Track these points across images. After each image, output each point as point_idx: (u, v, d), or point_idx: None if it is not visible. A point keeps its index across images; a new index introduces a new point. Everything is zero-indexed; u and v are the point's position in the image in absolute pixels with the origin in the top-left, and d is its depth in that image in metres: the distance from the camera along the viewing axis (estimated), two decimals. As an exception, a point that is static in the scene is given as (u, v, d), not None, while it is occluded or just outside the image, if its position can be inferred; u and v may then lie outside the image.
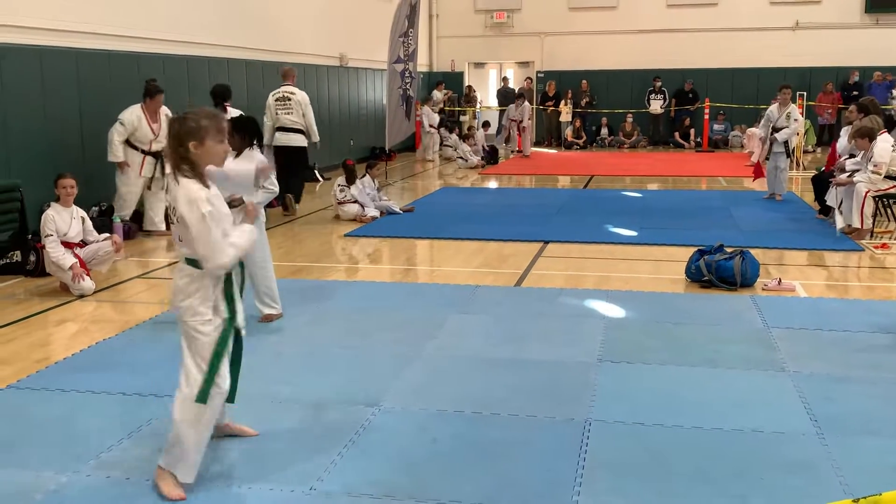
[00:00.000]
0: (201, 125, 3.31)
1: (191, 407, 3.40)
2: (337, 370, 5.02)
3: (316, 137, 11.27)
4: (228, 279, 3.47)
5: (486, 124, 18.74)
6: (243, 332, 3.62)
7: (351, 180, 10.60)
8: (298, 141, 11.07)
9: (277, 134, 11.04)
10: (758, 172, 12.61)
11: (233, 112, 10.57)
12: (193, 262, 3.40)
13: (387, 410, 4.39)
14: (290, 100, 11.07)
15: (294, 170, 11.01)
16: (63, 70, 9.15)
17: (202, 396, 3.39)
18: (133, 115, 9.27)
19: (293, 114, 11.03)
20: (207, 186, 3.35)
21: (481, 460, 3.81)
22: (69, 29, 9.23)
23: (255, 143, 6.00)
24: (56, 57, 9.04)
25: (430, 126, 18.66)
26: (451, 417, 4.30)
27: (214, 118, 3.36)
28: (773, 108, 11.71)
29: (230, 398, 3.61)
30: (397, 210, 10.94)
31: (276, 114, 11.07)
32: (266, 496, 3.48)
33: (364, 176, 10.81)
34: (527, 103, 19.45)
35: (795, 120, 11.69)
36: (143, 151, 9.32)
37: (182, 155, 3.33)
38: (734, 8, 20.92)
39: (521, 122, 19.33)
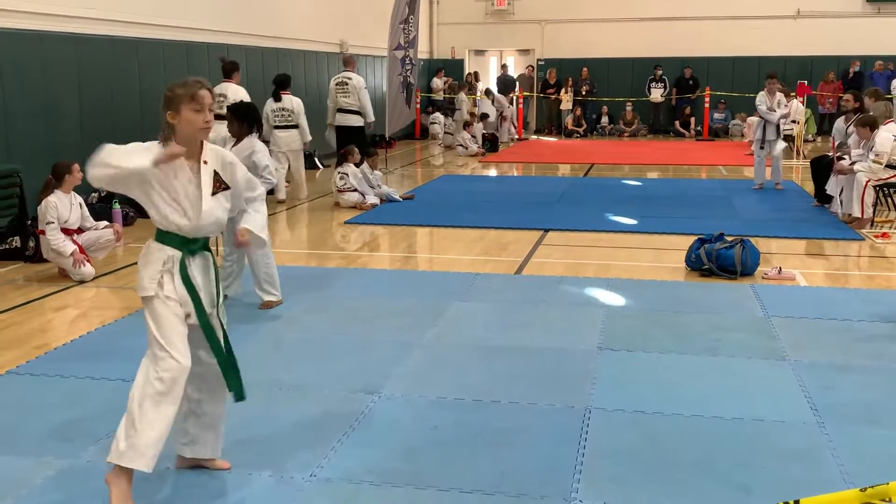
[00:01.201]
0: (176, 93, 3.21)
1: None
2: (337, 357, 5.02)
3: (371, 118, 12.20)
4: (183, 265, 3.27)
5: (484, 116, 18.71)
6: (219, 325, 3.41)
7: (340, 162, 10.58)
8: (355, 121, 12.11)
9: (338, 115, 12.15)
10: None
11: (291, 100, 10.91)
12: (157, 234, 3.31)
13: (387, 398, 4.38)
14: (347, 84, 12.07)
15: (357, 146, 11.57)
16: (63, 55, 9.11)
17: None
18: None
19: (350, 97, 12.03)
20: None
21: (481, 448, 3.80)
22: (69, 14, 9.18)
23: (254, 130, 5.99)
24: (56, 42, 9.00)
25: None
26: (452, 405, 4.30)
27: (189, 86, 3.22)
28: (764, 96, 11.71)
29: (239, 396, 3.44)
30: (397, 197, 10.93)
31: (336, 97, 12.13)
32: (266, 483, 3.48)
33: (362, 163, 10.79)
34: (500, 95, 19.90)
35: (785, 106, 11.78)
36: None
37: (164, 128, 3.24)
38: (735, -5, 20.86)
39: (502, 113, 19.54)
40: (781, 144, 11.73)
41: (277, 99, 10.86)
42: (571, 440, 3.86)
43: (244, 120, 5.96)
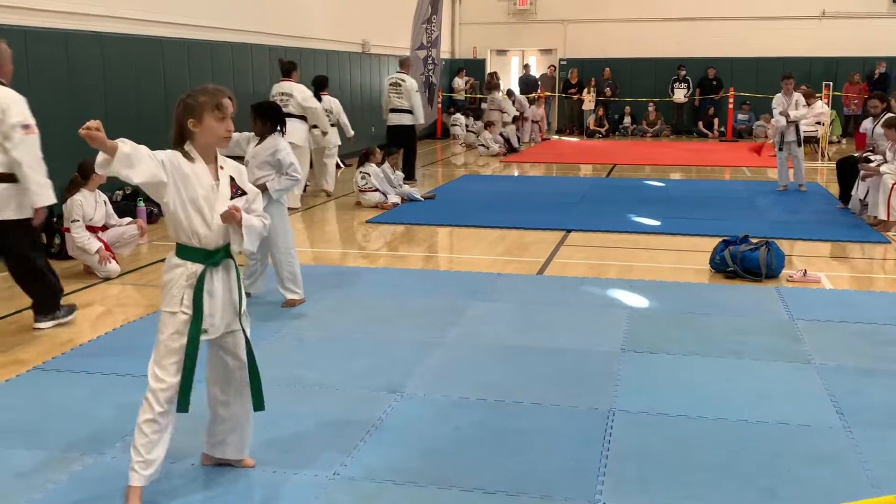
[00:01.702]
0: (199, 102, 3.18)
1: None
2: (359, 356, 5.03)
3: (421, 119, 12.94)
4: (201, 282, 3.22)
5: (515, 119, 18.73)
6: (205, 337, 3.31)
7: (361, 163, 10.62)
8: (406, 120, 12.76)
9: (390, 114, 12.81)
10: (757, 150, 12.82)
11: (329, 100, 11.37)
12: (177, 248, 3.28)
13: (409, 397, 4.38)
14: (400, 85, 12.71)
15: (403, 144, 12.32)
16: (88, 54, 9.18)
17: None
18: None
19: (403, 97, 12.66)
20: (191, 160, 3.21)
21: (504, 448, 3.80)
22: (94, 13, 9.25)
23: (277, 128, 6.01)
24: (81, 41, 9.08)
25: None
26: (474, 405, 4.29)
27: (213, 94, 3.21)
28: (781, 97, 11.61)
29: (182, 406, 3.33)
30: (418, 197, 10.94)
31: (389, 97, 12.80)
32: (290, 480, 3.49)
33: (383, 163, 10.81)
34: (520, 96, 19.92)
35: (804, 106, 11.67)
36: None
37: (181, 134, 3.22)
38: (760, -4, 20.72)
39: (522, 114, 19.50)
40: (798, 149, 11.59)
41: (318, 100, 11.00)
42: (595, 442, 3.84)
43: (267, 118, 5.98)
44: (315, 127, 10.86)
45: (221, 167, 3.31)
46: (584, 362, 4.91)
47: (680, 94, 21.16)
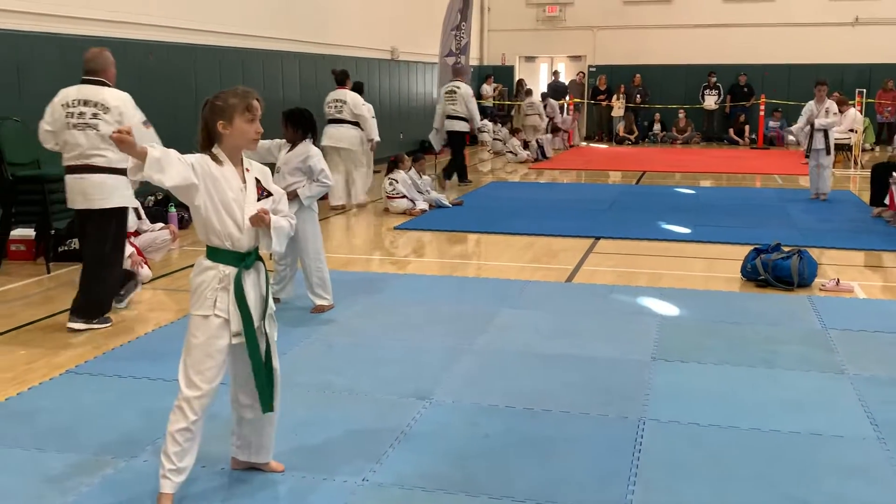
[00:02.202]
0: (229, 104, 3.18)
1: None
2: (388, 362, 5.03)
3: (477, 123, 13.59)
4: (239, 283, 3.24)
5: (556, 129, 18.79)
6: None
7: (390, 170, 10.66)
8: (461, 126, 13.26)
9: (446, 121, 13.28)
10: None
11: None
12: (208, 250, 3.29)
13: (438, 403, 4.38)
14: (455, 93, 13.17)
15: (457, 149, 13.32)
16: (120, 61, 9.27)
17: None
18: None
19: (458, 104, 13.11)
20: (220, 163, 3.22)
21: (533, 456, 3.78)
22: (130, 21, 9.37)
23: (308, 135, 6.04)
24: (114, 48, 9.17)
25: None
26: (503, 412, 4.28)
27: (243, 97, 3.22)
28: (812, 105, 11.49)
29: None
30: (446, 203, 10.95)
31: (445, 104, 13.30)
32: (319, 486, 3.50)
33: (410, 169, 10.85)
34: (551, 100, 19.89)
35: (835, 114, 11.52)
36: None
37: (209, 136, 3.23)
38: (792, 3, 20.53)
39: (553, 118, 19.48)
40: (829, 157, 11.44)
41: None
42: (625, 451, 3.82)
43: (298, 125, 6.02)
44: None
45: (247, 169, 3.32)
46: (614, 370, 4.89)
47: (710, 101, 21.03)
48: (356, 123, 10.87)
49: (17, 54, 7.89)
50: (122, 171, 5.61)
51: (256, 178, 3.33)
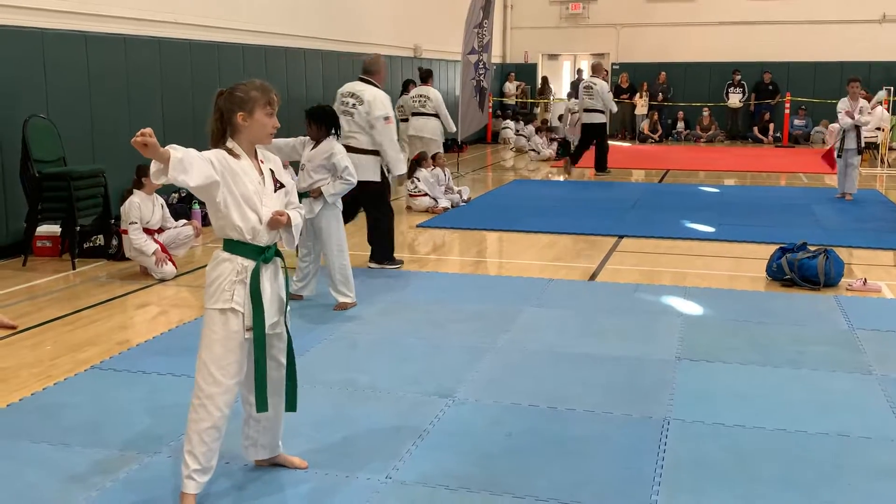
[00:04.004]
0: (251, 96, 3.17)
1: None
2: (411, 360, 5.03)
3: (614, 109, 14.87)
4: (256, 277, 3.22)
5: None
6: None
7: (413, 168, 10.68)
8: (599, 119, 14.29)
9: (584, 114, 14.36)
10: (828, 159, 12.23)
11: (408, 99, 12.94)
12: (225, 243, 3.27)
13: (461, 402, 4.37)
14: (592, 88, 14.15)
15: (597, 140, 14.39)
16: (145, 59, 9.35)
17: None
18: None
19: (595, 98, 14.12)
20: (237, 157, 3.19)
21: (557, 455, 3.76)
22: (152, 18, 9.42)
23: (332, 132, 6.04)
24: (139, 46, 9.24)
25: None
26: (526, 411, 4.26)
27: (265, 90, 3.21)
28: (845, 102, 11.33)
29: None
30: (465, 198, 11.04)
31: (583, 98, 14.33)
32: (342, 484, 3.49)
33: (433, 168, 10.85)
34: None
35: (869, 112, 11.36)
36: None
37: (225, 128, 3.20)
38: (817, 0, 20.31)
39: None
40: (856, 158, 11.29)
41: (405, 91, 13.65)
42: (650, 451, 3.79)
43: (322, 122, 6.02)
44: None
45: (262, 161, 3.31)
46: (638, 370, 4.85)
47: (735, 99, 20.86)
48: (436, 116, 12.07)
49: (44, 52, 7.95)
50: (372, 153, 6.96)
51: (271, 170, 3.33)
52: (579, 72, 22.40)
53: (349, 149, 6.80)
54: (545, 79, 22.34)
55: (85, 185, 7.67)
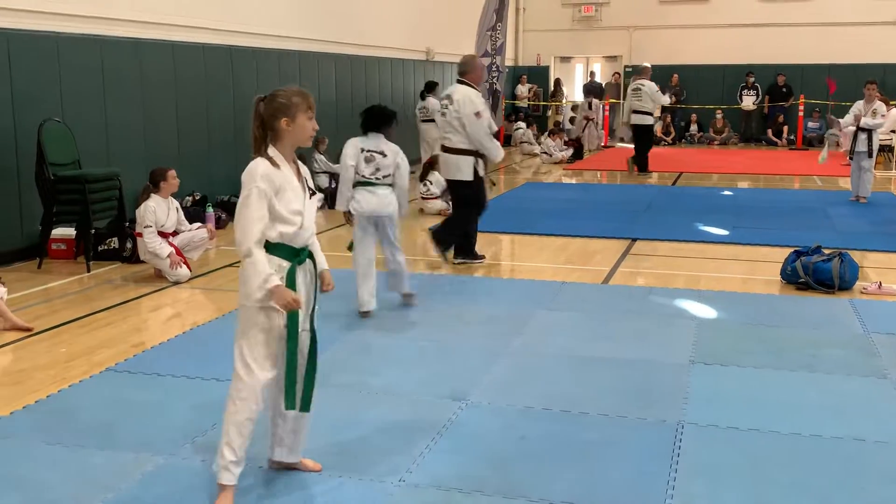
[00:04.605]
0: (293, 102, 3.27)
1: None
2: (424, 363, 5.03)
3: (666, 101, 15.95)
4: (292, 276, 3.29)
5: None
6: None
7: (423, 177, 10.70)
8: (646, 120, 14.75)
9: (632, 115, 14.71)
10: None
11: (434, 102, 12.92)
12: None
13: (474, 405, 4.37)
14: (640, 90, 14.52)
15: (643, 141, 14.82)
16: (159, 63, 9.39)
17: None
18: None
19: (643, 100, 14.47)
20: (277, 166, 3.26)
21: (571, 459, 3.76)
22: (165, 22, 9.46)
23: (376, 132, 5.98)
24: (153, 50, 9.29)
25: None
26: (539, 415, 4.26)
27: (304, 95, 3.32)
28: (860, 104, 11.27)
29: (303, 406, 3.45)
30: None
31: (631, 100, 14.72)
32: (355, 486, 3.50)
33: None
34: (596, 101, 19.83)
35: (882, 116, 11.26)
36: None
37: (265, 134, 3.29)
38: (832, 2, 20.21)
39: (593, 118, 19.29)
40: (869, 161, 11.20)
41: (423, 98, 14.02)
42: (664, 455, 3.78)
43: (368, 122, 6.02)
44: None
45: (298, 165, 3.40)
46: (652, 374, 4.84)
47: (748, 102, 20.78)
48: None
49: (59, 56, 8.01)
50: (464, 152, 7.30)
51: (304, 178, 3.42)
52: (591, 74, 22.37)
53: (443, 149, 7.49)
54: (558, 81, 22.31)
55: (100, 188, 7.71)
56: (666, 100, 15.28)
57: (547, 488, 3.48)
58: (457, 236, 7.62)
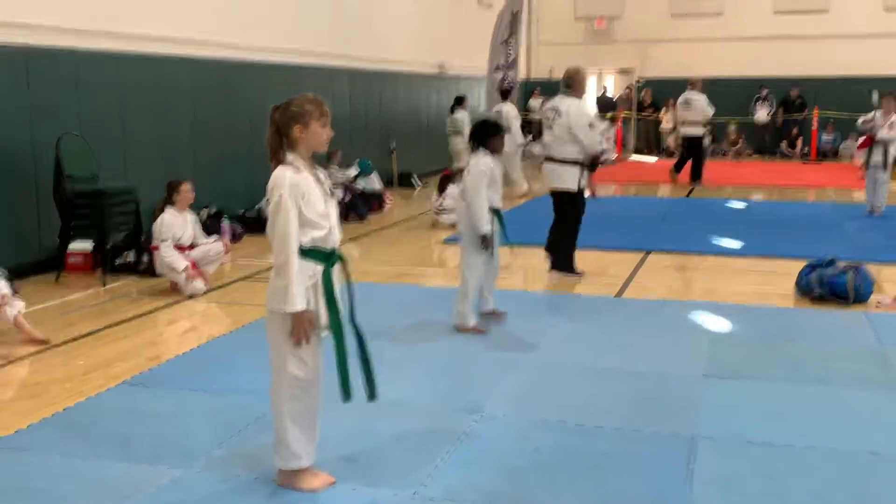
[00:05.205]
0: (305, 109, 3.36)
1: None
2: (438, 375, 5.04)
3: (707, 122, 15.38)
4: (328, 278, 3.40)
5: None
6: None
7: (441, 189, 10.73)
8: (696, 132, 15.04)
9: (683, 127, 15.24)
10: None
11: (463, 115, 14.39)
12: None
13: (488, 417, 4.38)
14: (690, 102, 14.84)
15: (694, 152, 15.14)
16: (176, 78, 9.48)
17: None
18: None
19: (693, 112, 14.83)
20: (299, 170, 3.36)
21: (585, 472, 3.76)
22: (183, 37, 9.55)
23: (480, 147, 5.98)
24: (170, 65, 9.38)
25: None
26: (554, 427, 4.26)
27: (318, 103, 3.40)
28: (877, 114, 11.22)
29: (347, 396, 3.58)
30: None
31: (681, 112, 15.17)
32: (369, 498, 3.51)
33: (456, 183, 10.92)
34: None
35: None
36: None
37: (281, 141, 3.38)
38: (846, 14, 20.17)
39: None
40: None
41: (452, 112, 14.79)
42: (678, 468, 3.78)
43: (473, 137, 6.05)
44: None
45: (318, 170, 3.48)
46: (666, 387, 4.84)
47: (762, 114, 20.74)
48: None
49: (77, 72, 8.10)
50: (571, 163, 7.41)
51: (323, 181, 3.50)
52: (604, 88, 22.40)
53: (549, 159, 7.61)
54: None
55: (117, 202, 7.78)
56: (711, 111, 15.29)
57: (561, 501, 3.48)
58: (570, 247, 7.73)
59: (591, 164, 7.53)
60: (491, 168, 5.90)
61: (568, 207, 7.62)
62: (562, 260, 7.74)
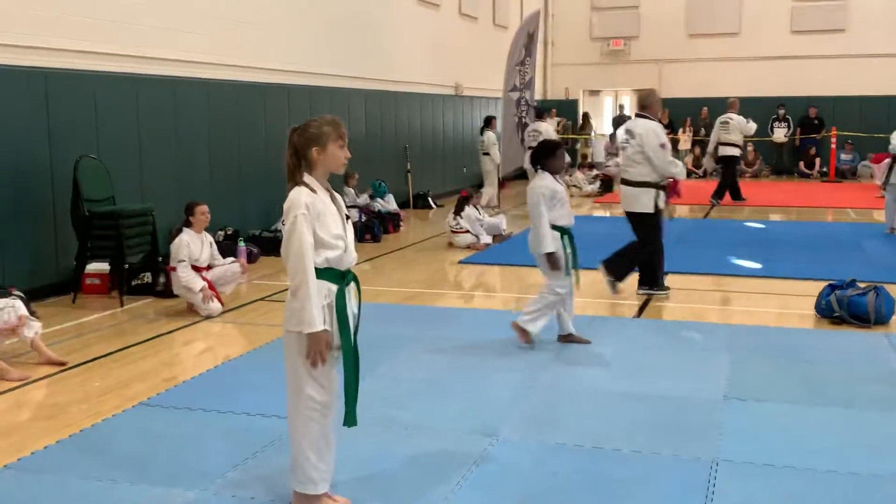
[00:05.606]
0: (323, 131, 3.37)
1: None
2: (454, 398, 5.00)
3: (752, 130, 15.31)
4: (342, 298, 3.39)
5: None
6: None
7: (458, 210, 10.75)
8: (733, 152, 15.15)
9: (721, 147, 15.13)
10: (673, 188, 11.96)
11: (489, 135, 15.15)
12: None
13: (505, 441, 4.34)
14: (728, 123, 14.92)
15: (730, 170, 15.34)
16: (193, 100, 9.54)
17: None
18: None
19: (731, 133, 14.86)
20: (314, 191, 3.36)
21: (603, 497, 3.71)
22: (200, 60, 9.62)
23: (538, 167, 5.98)
24: (187, 87, 9.44)
25: None
26: (571, 451, 4.21)
27: (335, 125, 3.42)
28: None
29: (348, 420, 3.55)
30: (503, 230, 11.10)
31: (719, 133, 15.07)
32: (386, 523, 3.48)
33: (473, 205, 10.94)
34: None
35: None
36: None
37: (299, 163, 3.39)
38: (863, 34, 20.12)
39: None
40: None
41: (482, 133, 15.33)
42: (698, 492, 3.72)
43: (533, 157, 6.06)
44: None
45: (333, 192, 3.48)
46: (686, 409, 4.78)
47: (780, 134, 20.67)
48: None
49: (95, 94, 8.16)
50: (646, 185, 7.47)
51: (339, 203, 3.50)
52: (621, 108, 22.41)
53: (625, 182, 7.67)
54: (586, 115, 22.35)
55: (134, 223, 7.81)
56: (754, 127, 15.34)
57: (579, 526, 3.43)
58: (628, 267, 7.70)
59: (665, 187, 7.61)
60: (551, 189, 5.88)
61: (648, 228, 7.65)
62: (644, 276, 7.83)
